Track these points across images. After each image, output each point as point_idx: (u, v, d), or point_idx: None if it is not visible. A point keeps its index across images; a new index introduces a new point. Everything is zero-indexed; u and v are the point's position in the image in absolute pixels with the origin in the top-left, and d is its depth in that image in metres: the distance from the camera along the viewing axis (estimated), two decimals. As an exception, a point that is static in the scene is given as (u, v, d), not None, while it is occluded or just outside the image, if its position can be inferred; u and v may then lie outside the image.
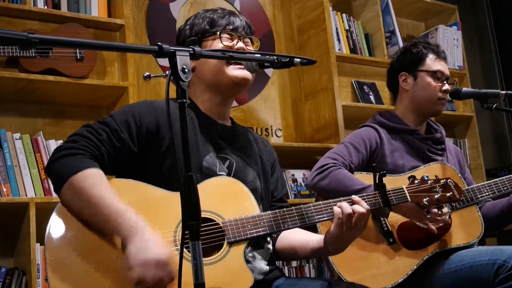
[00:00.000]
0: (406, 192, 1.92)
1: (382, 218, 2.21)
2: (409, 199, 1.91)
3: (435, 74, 2.50)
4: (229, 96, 1.89)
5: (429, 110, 2.53)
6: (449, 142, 2.67)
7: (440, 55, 2.56)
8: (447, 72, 2.54)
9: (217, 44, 1.84)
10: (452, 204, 2.06)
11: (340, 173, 2.22)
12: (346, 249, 1.75)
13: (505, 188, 2.39)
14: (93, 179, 1.53)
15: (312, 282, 1.76)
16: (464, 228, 2.28)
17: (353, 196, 1.74)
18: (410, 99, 2.54)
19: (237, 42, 1.85)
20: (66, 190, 1.53)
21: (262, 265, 1.76)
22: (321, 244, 1.75)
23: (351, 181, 2.20)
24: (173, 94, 1.28)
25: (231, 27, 1.87)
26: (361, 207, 1.68)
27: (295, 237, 1.86)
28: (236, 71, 1.81)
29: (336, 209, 1.68)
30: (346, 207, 1.67)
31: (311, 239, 1.81)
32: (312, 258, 1.93)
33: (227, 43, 1.84)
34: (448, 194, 1.96)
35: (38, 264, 2.53)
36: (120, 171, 1.70)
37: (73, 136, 1.63)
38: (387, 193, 1.84)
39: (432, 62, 2.52)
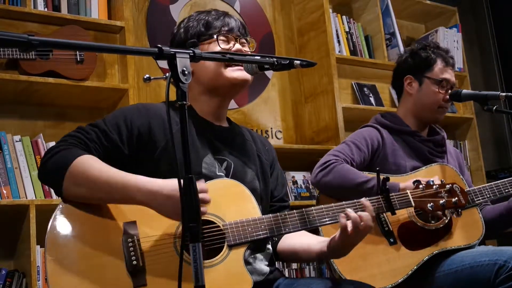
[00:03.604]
0: (410, 196, 1.92)
1: (383, 218, 2.20)
2: (413, 204, 1.91)
3: (440, 83, 2.49)
4: (227, 98, 1.89)
5: (429, 118, 2.53)
6: (449, 145, 2.67)
7: (449, 62, 2.53)
8: (453, 79, 2.52)
9: (214, 48, 1.82)
10: (458, 210, 2.04)
11: (343, 167, 2.22)
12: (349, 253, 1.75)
13: (506, 190, 2.39)
14: (91, 162, 1.55)
15: (311, 280, 1.76)
16: (465, 229, 2.28)
17: (362, 199, 1.74)
18: (413, 104, 2.54)
19: (234, 44, 1.85)
20: (68, 182, 1.54)
21: (262, 266, 1.76)
22: (324, 249, 1.74)
23: (354, 175, 2.20)
24: (172, 96, 1.28)
25: (226, 28, 1.85)
26: (368, 214, 1.68)
27: (298, 240, 1.85)
28: (235, 73, 1.80)
29: (342, 219, 1.67)
30: (354, 216, 1.66)
31: (313, 244, 1.80)
32: (314, 262, 1.93)
33: (224, 45, 1.83)
34: (453, 200, 1.95)
35: (38, 266, 2.53)
36: None
37: (63, 137, 1.65)
38: (391, 197, 1.84)
39: (439, 70, 2.50)
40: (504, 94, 2.30)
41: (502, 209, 2.44)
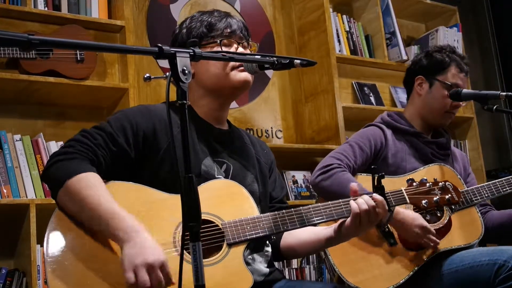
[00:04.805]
0: (405, 194, 1.92)
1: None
2: (408, 201, 1.91)
3: (450, 88, 2.47)
4: (229, 100, 1.89)
5: (435, 121, 2.52)
6: (455, 149, 2.66)
7: (463, 68, 2.50)
8: (464, 87, 2.50)
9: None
10: (452, 207, 2.05)
11: (343, 176, 2.21)
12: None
13: (504, 189, 2.39)
14: (90, 183, 1.53)
15: (314, 285, 1.76)
16: (464, 229, 2.28)
17: (363, 196, 1.75)
18: (420, 105, 2.53)
19: (237, 48, 1.85)
20: (62, 194, 1.53)
21: (261, 267, 1.76)
22: (332, 234, 1.77)
23: None
24: (173, 96, 1.28)
25: (228, 30, 1.85)
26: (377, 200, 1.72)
27: (302, 232, 1.85)
28: (239, 75, 1.80)
29: (353, 204, 1.70)
30: (362, 203, 1.70)
31: (319, 231, 1.82)
32: (320, 250, 1.93)
33: (226, 50, 1.82)
34: (446, 197, 1.96)
35: (38, 265, 2.53)
36: (117, 175, 1.69)
37: (69, 142, 1.64)
38: (386, 195, 1.84)
39: (452, 75, 2.47)
40: (504, 93, 2.30)
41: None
